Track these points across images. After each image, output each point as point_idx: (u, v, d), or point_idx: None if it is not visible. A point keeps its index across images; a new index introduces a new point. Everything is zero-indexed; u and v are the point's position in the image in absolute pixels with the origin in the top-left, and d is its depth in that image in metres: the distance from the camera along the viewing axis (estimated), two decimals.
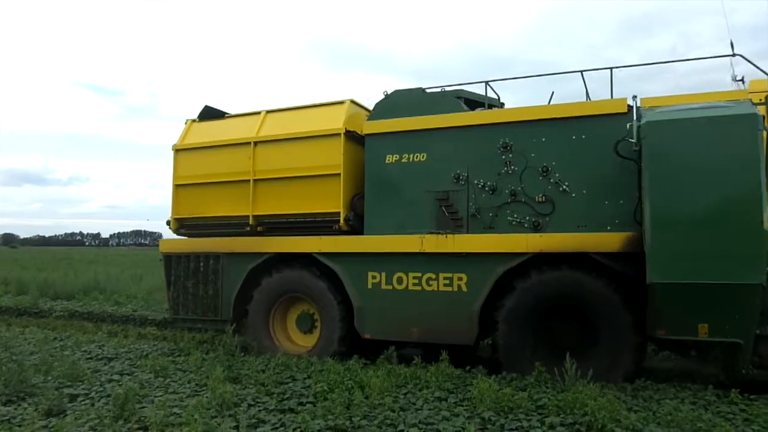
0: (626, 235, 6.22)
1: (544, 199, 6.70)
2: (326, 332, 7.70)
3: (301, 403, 5.48)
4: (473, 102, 7.53)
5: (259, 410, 5.27)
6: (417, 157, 7.35)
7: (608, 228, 6.39)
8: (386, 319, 7.35)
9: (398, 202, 7.41)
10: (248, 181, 8.25)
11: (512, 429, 4.73)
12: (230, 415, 5.10)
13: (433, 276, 7.10)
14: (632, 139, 5.89)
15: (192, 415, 4.89)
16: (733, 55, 6.18)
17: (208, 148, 8.67)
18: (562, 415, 4.95)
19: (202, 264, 8.47)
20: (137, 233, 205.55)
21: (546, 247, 6.54)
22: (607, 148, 6.42)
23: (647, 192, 5.69)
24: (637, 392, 5.80)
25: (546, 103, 7.25)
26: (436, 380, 6.15)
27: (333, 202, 7.68)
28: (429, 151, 7.28)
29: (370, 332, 7.49)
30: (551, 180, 6.67)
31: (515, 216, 6.82)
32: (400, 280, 7.27)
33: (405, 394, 5.76)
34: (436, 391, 5.80)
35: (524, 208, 6.79)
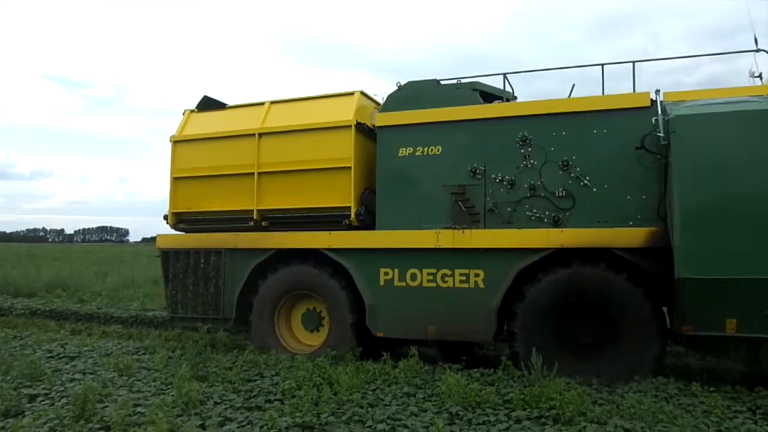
0: (650, 231, 6.15)
1: (564, 194, 6.59)
2: (335, 330, 7.47)
3: (268, 401, 5.43)
4: (488, 95, 7.37)
5: (226, 408, 5.21)
6: (432, 150, 7.16)
7: (630, 223, 6.32)
8: (400, 317, 7.16)
9: (412, 197, 7.21)
10: (252, 174, 7.95)
11: (479, 423, 4.79)
12: (196, 414, 5.02)
13: (449, 272, 6.93)
14: (660, 133, 5.80)
15: (156, 414, 4.80)
16: (757, 50, 6.16)
17: (209, 139, 8.34)
18: (528, 409, 5.05)
19: (202, 260, 8.14)
20: (103, 229, 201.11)
21: (568, 243, 6.43)
22: (629, 143, 6.35)
23: (676, 186, 5.62)
24: (602, 386, 5.87)
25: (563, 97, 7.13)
26: (405, 376, 6.16)
27: (343, 196, 7.45)
28: (444, 144, 7.11)
29: (382, 330, 7.28)
30: (571, 174, 6.56)
31: (534, 211, 6.69)
32: (414, 277, 7.08)
33: (374, 390, 5.77)
34: (404, 387, 5.82)
35: (544, 202, 6.67)
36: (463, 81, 7.36)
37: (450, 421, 4.87)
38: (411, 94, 7.40)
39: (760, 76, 6.67)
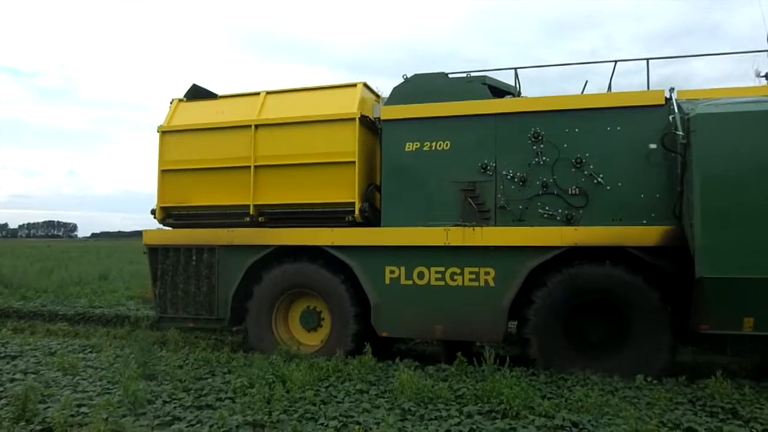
0: (664, 229, 6.13)
1: (577, 192, 6.51)
2: (337, 330, 7.21)
3: (219, 399, 5.36)
4: (497, 90, 7.22)
5: (175, 407, 5.11)
6: (440, 145, 6.98)
7: (644, 222, 6.29)
8: (406, 316, 6.96)
9: (419, 193, 7.01)
10: (248, 167, 7.60)
11: (431, 419, 4.82)
12: (143, 414, 4.92)
13: (458, 270, 6.77)
14: (679, 131, 5.77)
15: (100, 414, 4.68)
16: None
17: (201, 130, 7.94)
18: (479, 404, 5.12)
19: (194, 258, 7.74)
20: (49, 224, 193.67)
21: (582, 241, 6.36)
22: (643, 140, 6.34)
23: (696, 185, 5.58)
24: (551, 380, 5.98)
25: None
26: (359, 373, 6.14)
27: (346, 191, 7.19)
28: (453, 139, 6.93)
29: (387, 330, 7.08)
30: (585, 172, 6.49)
31: (547, 208, 6.59)
32: (421, 275, 6.90)
33: (327, 387, 5.75)
34: (358, 384, 5.80)
35: (556, 200, 6.58)
36: (471, 75, 7.18)
37: (402, 417, 4.88)
38: (418, 88, 7.19)
39: (766, 76, 6.73)
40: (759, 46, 6.56)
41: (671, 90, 6.30)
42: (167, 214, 8.08)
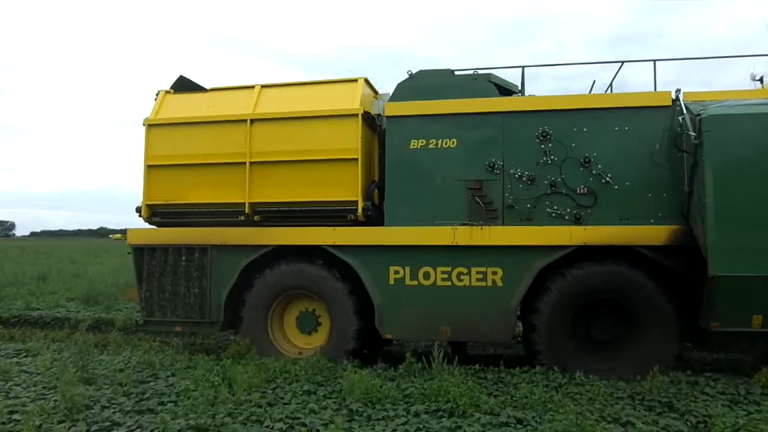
0: (672, 229, 6.21)
1: (585, 191, 6.51)
2: (338, 332, 6.98)
3: (161, 403, 5.24)
4: (502, 88, 7.16)
5: (114, 412, 4.98)
6: (446, 143, 6.86)
7: (651, 221, 6.35)
8: (412, 317, 6.81)
9: (424, 191, 6.87)
10: (244, 163, 7.27)
11: (379, 419, 4.82)
12: (80, 419, 4.76)
13: (465, 270, 6.67)
14: (692, 132, 5.84)
15: (33, 421, 4.55)
16: None
17: (191, 124, 7.56)
18: (426, 403, 5.15)
19: (184, 258, 7.36)
20: None
21: (591, 240, 6.37)
22: (650, 140, 6.41)
23: (708, 185, 5.66)
24: (498, 378, 6.07)
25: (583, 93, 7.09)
26: (306, 374, 6.10)
27: (349, 189, 6.97)
28: (460, 137, 6.83)
29: (392, 332, 6.93)
30: (593, 171, 6.50)
31: (555, 208, 6.57)
32: (427, 275, 6.76)
33: (274, 388, 5.68)
34: (305, 385, 5.76)
35: (565, 199, 6.56)
36: (478, 73, 7.10)
37: (350, 417, 4.87)
38: (423, 84, 7.05)
39: (761, 79, 6.92)
40: (700, 52, 6.76)
41: (677, 91, 6.39)
42: (153, 212, 7.64)
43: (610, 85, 7.38)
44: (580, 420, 4.59)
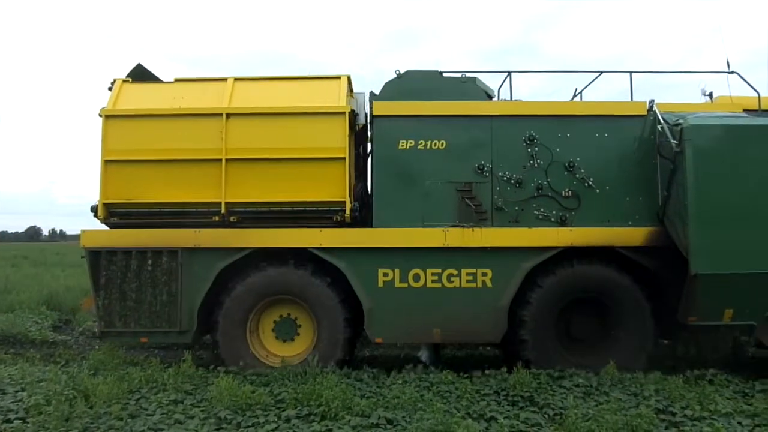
0: (650, 230, 6.62)
1: (570, 194, 6.77)
2: (326, 339, 6.70)
3: (7, 421, 4.86)
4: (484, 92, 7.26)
5: None
6: (435, 144, 6.83)
7: (629, 223, 6.72)
8: (402, 320, 6.70)
9: (413, 193, 6.79)
10: (219, 160, 6.77)
11: (248, 426, 4.76)
12: None
13: (455, 272, 6.68)
14: (673, 140, 6.26)
15: None
16: (730, 72, 7.00)
17: (156, 116, 6.91)
18: (299, 407, 5.11)
19: (150, 262, 6.71)
20: None
21: (576, 242, 6.62)
22: (627, 147, 6.80)
23: (690, 190, 6.09)
24: (371, 379, 6.16)
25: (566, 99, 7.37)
26: (174, 382, 5.90)
27: (336, 189, 6.73)
28: (449, 139, 6.83)
29: (383, 336, 6.78)
30: (577, 175, 6.77)
31: (542, 210, 6.76)
32: (417, 278, 6.69)
33: (137, 399, 5.46)
34: (172, 394, 5.56)
35: (551, 202, 6.77)
36: (466, 76, 7.15)
37: (218, 426, 4.76)
38: (411, 84, 6.98)
39: (710, 95, 7.59)
40: (569, 66, 7.37)
41: (651, 101, 6.83)
42: (111, 213, 6.90)
43: (580, 93, 7.75)
44: (446, 418, 4.70)
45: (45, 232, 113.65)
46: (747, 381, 6.09)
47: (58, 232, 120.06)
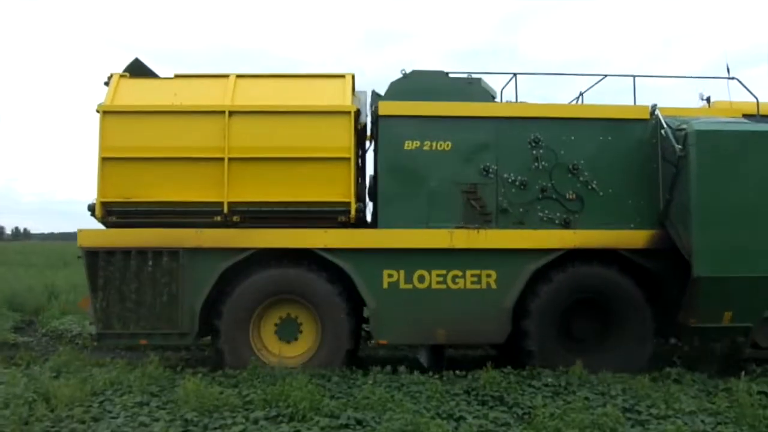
0: (652, 233, 6.71)
1: (574, 197, 6.81)
2: (330, 340, 6.65)
3: None
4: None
5: None
6: (441, 145, 6.81)
7: (631, 225, 6.80)
8: (407, 321, 6.70)
9: (419, 193, 6.77)
10: (221, 159, 6.65)
11: (215, 428, 4.69)
12: None
13: (460, 273, 6.69)
14: (677, 144, 6.34)
15: None
16: (730, 78, 7.12)
17: (156, 113, 6.75)
18: (267, 409, 5.04)
19: (150, 263, 6.56)
20: None
21: (581, 244, 6.68)
22: (630, 150, 6.87)
23: (694, 194, 6.19)
24: (341, 380, 6.12)
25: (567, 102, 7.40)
26: (140, 384, 5.77)
27: (341, 190, 6.66)
28: (455, 140, 6.81)
29: (387, 337, 6.78)
30: (580, 178, 6.82)
31: (546, 212, 6.80)
32: (421, 279, 6.68)
33: (101, 402, 5.30)
34: (137, 396, 5.43)
35: (555, 204, 6.81)
36: (472, 77, 7.13)
37: (184, 428, 4.67)
38: (417, 84, 6.94)
39: (708, 99, 7.70)
40: (548, 68, 7.42)
41: (654, 106, 6.90)
42: (109, 212, 6.72)
43: (581, 95, 7.80)
44: (416, 418, 4.67)
45: (8, 230, 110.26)
46: (712, 379, 6.17)
47: (21, 230, 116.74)
